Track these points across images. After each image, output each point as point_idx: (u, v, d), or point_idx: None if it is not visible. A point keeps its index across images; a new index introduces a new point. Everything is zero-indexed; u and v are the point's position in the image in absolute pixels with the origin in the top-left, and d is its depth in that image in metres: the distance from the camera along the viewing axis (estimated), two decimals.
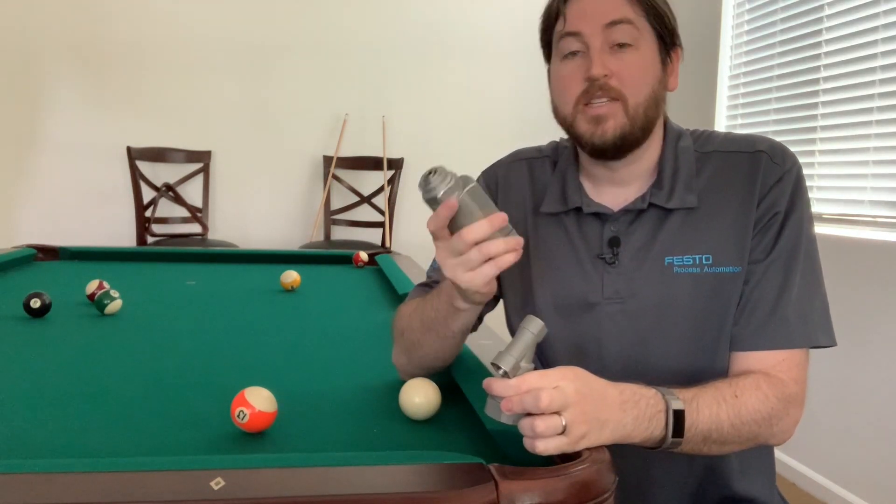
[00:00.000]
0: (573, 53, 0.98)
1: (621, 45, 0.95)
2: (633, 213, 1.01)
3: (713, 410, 0.86)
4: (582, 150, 1.02)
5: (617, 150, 0.98)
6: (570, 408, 0.74)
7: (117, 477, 0.65)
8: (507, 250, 0.82)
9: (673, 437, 0.83)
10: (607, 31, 0.95)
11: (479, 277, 0.83)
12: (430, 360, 1.03)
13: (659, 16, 0.98)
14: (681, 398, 0.84)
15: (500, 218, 0.82)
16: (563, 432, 0.73)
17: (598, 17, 0.95)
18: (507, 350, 0.78)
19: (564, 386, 0.74)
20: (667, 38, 0.99)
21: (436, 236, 0.85)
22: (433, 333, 0.99)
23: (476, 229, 0.81)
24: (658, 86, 0.99)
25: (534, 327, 0.78)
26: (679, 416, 0.83)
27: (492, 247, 0.81)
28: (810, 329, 0.95)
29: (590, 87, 0.95)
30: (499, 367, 0.77)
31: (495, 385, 0.76)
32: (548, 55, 1.05)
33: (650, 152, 1.02)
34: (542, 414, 0.73)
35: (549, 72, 1.06)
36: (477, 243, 0.81)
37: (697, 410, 0.85)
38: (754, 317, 0.96)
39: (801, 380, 0.95)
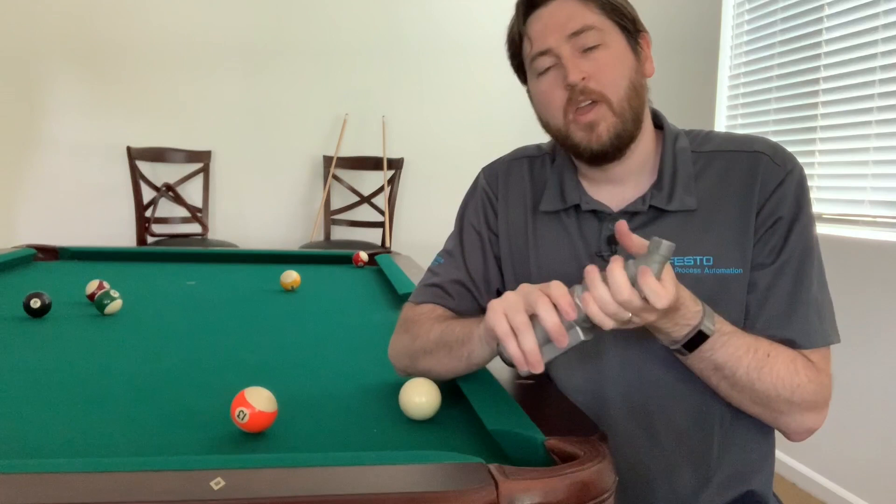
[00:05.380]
0: (548, 69, 1.00)
1: (590, 48, 0.97)
2: (631, 212, 1.02)
3: (738, 353, 0.90)
4: (579, 158, 1.03)
5: (615, 150, 0.99)
6: (646, 320, 0.82)
7: (117, 477, 0.65)
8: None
9: (683, 346, 0.89)
10: (573, 39, 0.97)
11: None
12: (437, 374, 1.02)
13: (616, 9, 0.99)
14: (717, 328, 0.89)
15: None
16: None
17: (559, 29, 0.97)
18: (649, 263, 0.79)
19: (662, 307, 0.79)
20: (630, 28, 1.00)
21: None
22: (447, 350, 0.99)
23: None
24: (635, 75, 0.99)
25: (664, 249, 0.79)
26: (701, 337, 0.88)
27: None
28: (825, 328, 0.97)
29: (571, 94, 0.97)
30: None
31: (619, 271, 0.78)
32: (522, 78, 1.08)
33: (641, 146, 1.03)
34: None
35: (528, 92, 1.08)
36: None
37: (723, 345, 0.89)
38: (774, 321, 0.96)
39: (830, 375, 0.97)
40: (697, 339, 0.88)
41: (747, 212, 0.98)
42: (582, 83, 0.96)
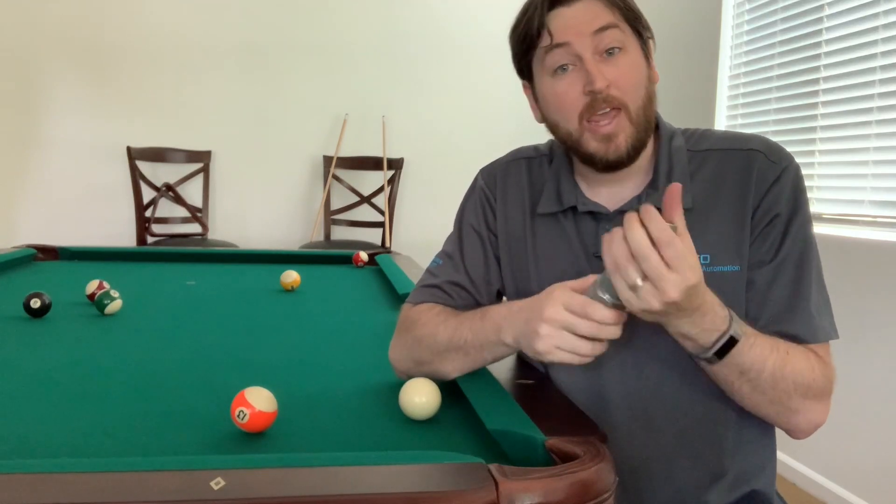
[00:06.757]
0: (563, 68, 0.97)
1: (610, 52, 0.96)
2: (627, 211, 1.02)
3: (764, 353, 0.89)
4: (590, 166, 1.01)
5: (630, 159, 0.98)
6: (667, 304, 0.78)
7: (117, 477, 0.65)
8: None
9: (714, 354, 0.87)
10: (596, 38, 0.95)
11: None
12: (444, 374, 1.02)
13: (633, 13, 0.98)
14: (742, 331, 0.87)
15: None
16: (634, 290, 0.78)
17: (584, 25, 0.95)
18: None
19: (677, 289, 0.77)
20: (644, 34, 1.00)
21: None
22: (462, 354, 0.99)
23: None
24: (649, 84, 0.99)
25: None
26: (731, 343, 0.86)
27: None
28: (826, 323, 0.97)
29: (592, 101, 0.95)
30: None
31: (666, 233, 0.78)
32: (524, 73, 1.05)
33: (645, 149, 1.02)
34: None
35: (528, 88, 1.06)
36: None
37: (750, 347, 0.88)
38: (778, 317, 0.96)
39: (833, 369, 0.97)
40: (728, 345, 0.86)
41: (743, 209, 0.98)
42: (605, 91, 0.94)
